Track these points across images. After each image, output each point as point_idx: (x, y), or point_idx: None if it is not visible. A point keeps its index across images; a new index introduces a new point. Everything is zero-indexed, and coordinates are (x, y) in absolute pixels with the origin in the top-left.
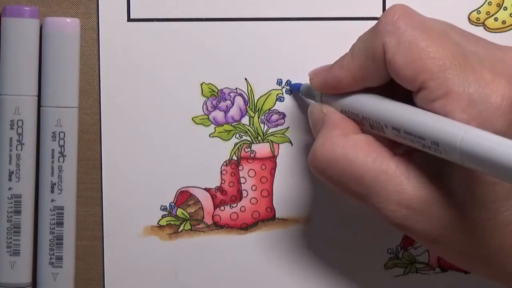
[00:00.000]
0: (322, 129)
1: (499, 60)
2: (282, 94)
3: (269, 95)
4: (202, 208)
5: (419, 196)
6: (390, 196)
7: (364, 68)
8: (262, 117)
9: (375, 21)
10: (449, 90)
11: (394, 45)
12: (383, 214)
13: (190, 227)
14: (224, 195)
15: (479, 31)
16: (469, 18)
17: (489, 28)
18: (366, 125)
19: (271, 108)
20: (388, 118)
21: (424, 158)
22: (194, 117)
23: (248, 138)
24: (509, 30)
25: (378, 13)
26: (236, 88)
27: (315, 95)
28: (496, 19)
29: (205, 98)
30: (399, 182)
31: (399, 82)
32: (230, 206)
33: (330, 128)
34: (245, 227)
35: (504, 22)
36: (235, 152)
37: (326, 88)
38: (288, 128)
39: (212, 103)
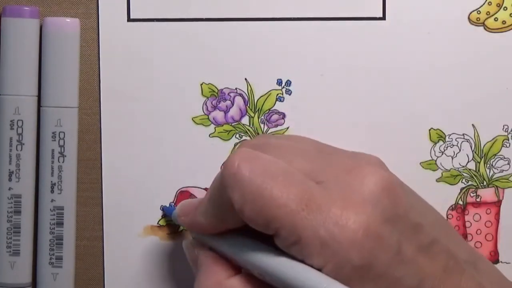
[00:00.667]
0: (198, 274)
1: (347, 187)
2: (282, 94)
3: (269, 95)
4: None
5: None
6: None
7: (222, 217)
8: (262, 117)
9: (375, 21)
10: (300, 236)
11: (240, 199)
12: None
13: None
14: None
15: (479, 31)
16: (469, 18)
17: (489, 28)
18: (238, 264)
19: (271, 108)
20: (252, 263)
21: None
22: (194, 117)
23: (248, 138)
24: (509, 30)
25: (379, 13)
26: (236, 88)
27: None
28: (496, 19)
29: (205, 98)
30: None
31: (254, 228)
32: None
33: (205, 275)
34: None
35: (504, 22)
36: None
37: (194, 230)
38: (288, 128)
39: (212, 103)
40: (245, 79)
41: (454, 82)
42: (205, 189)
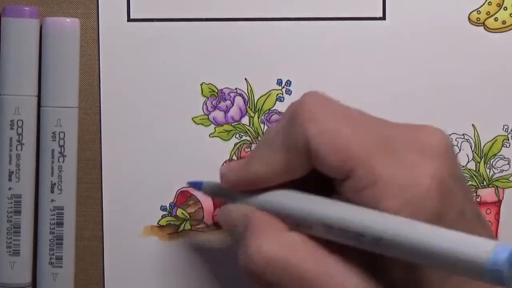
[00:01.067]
0: (249, 231)
1: (418, 141)
2: (282, 94)
3: (269, 95)
4: (202, 208)
5: None
6: None
7: (287, 161)
8: (262, 117)
9: (376, 21)
10: (378, 177)
11: (317, 135)
12: None
13: (190, 227)
14: None
15: (479, 31)
16: (469, 18)
17: (489, 28)
18: (290, 223)
19: (271, 108)
20: (317, 216)
21: (360, 253)
22: (194, 117)
23: (248, 138)
24: (509, 30)
25: (379, 13)
26: (236, 88)
27: (224, 194)
28: (496, 19)
29: (205, 98)
30: (340, 279)
31: (323, 172)
32: None
33: (261, 229)
34: None
35: (504, 22)
36: (235, 152)
37: (243, 185)
38: None
39: (212, 103)
40: (245, 79)
41: (454, 82)
42: None
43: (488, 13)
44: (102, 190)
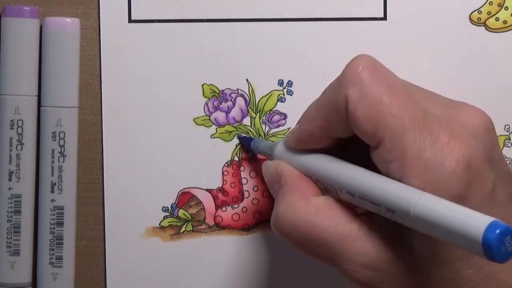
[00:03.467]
0: (281, 191)
1: (454, 119)
2: (284, 94)
3: (270, 95)
4: (203, 209)
5: (382, 257)
6: (354, 258)
7: (328, 119)
8: (264, 117)
9: (376, 22)
10: (406, 152)
11: (357, 98)
12: (349, 276)
13: (191, 228)
14: (226, 196)
15: (480, 31)
16: (470, 18)
17: (490, 28)
18: (321, 187)
19: (273, 108)
20: (342, 182)
21: (385, 219)
22: (195, 118)
23: None
24: (510, 30)
25: (380, 13)
26: (237, 89)
27: (266, 151)
28: (497, 19)
29: (206, 99)
30: (362, 244)
31: (358, 135)
32: (231, 207)
33: (290, 191)
34: (247, 228)
35: (505, 22)
36: (236, 153)
37: (296, 144)
38: (289, 128)
39: (213, 104)
40: (246, 79)
41: (455, 82)
42: (207, 190)
43: (489, 13)
44: (103, 191)
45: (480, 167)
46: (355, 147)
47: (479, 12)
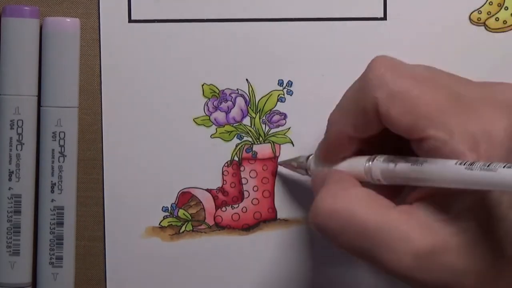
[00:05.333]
0: (324, 186)
1: (490, 96)
2: (283, 94)
3: (270, 95)
4: (203, 209)
5: (425, 243)
6: (395, 245)
7: (357, 124)
8: (264, 117)
9: (376, 22)
10: (453, 133)
11: (387, 99)
12: (388, 266)
13: (191, 228)
14: (226, 196)
15: (480, 31)
16: (470, 18)
17: (490, 28)
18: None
19: (273, 108)
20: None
21: (425, 205)
22: (195, 118)
23: (250, 139)
24: (510, 30)
25: (380, 13)
26: (237, 89)
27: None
28: (497, 19)
29: (206, 99)
30: (403, 230)
31: (397, 133)
32: (231, 207)
33: (330, 184)
34: (247, 228)
35: (505, 22)
36: (236, 153)
37: (329, 152)
38: (289, 128)
39: (213, 104)
40: (246, 79)
41: None
42: (207, 190)
43: (489, 13)
44: (103, 191)
45: None
46: (380, 148)
47: (479, 12)
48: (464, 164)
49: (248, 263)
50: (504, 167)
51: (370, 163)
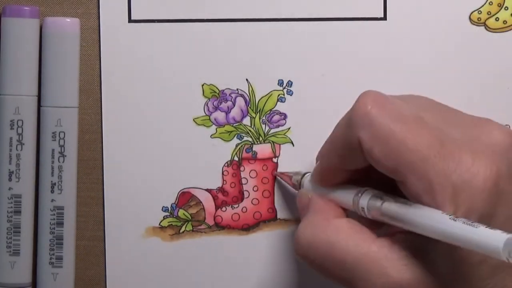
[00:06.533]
0: (308, 214)
1: (476, 139)
2: (283, 94)
3: (270, 95)
4: (203, 209)
5: (402, 278)
6: (374, 279)
7: (344, 157)
8: (264, 117)
9: (377, 21)
10: (432, 183)
11: (370, 139)
12: None
13: (191, 228)
14: (226, 196)
15: (480, 31)
16: (470, 18)
17: (490, 28)
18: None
19: (273, 108)
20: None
21: (406, 239)
22: (195, 118)
23: (250, 139)
24: (510, 30)
25: (380, 13)
26: (237, 89)
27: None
28: (497, 19)
29: (206, 99)
30: (382, 265)
31: (380, 171)
32: (231, 207)
33: (313, 213)
34: (247, 228)
35: (505, 22)
36: (236, 153)
37: (323, 181)
38: (289, 128)
39: (213, 104)
40: (246, 79)
41: (455, 82)
42: (207, 190)
43: (489, 13)
44: (103, 191)
45: (506, 184)
46: (375, 174)
47: (479, 12)
48: (450, 217)
49: (248, 263)
50: (486, 227)
51: (359, 195)
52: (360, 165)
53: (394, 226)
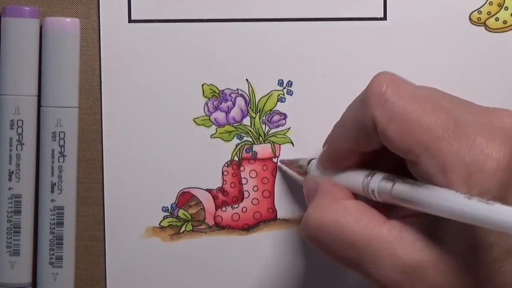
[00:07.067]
0: (316, 197)
1: (489, 124)
2: (283, 94)
3: (270, 95)
4: (203, 209)
5: (413, 260)
6: (383, 261)
7: (358, 139)
8: (264, 117)
9: (377, 22)
10: (446, 162)
11: (385, 118)
12: (377, 280)
13: (191, 228)
14: (226, 196)
15: (480, 31)
16: (470, 18)
17: (490, 28)
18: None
19: (273, 108)
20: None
21: (417, 222)
22: (195, 118)
23: (250, 139)
24: (510, 30)
25: (380, 13)
26: (237, 89)
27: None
28: (497, 19)
29: (206, 99)
30: (392, 246)
31: (394, 152)
32: (231, 207)
33: (322, 195)
34: (247, 228)
35: (505, 22)
36: (236, 153)
37: (332, 163)
38: (289, 128)
39: (213, 104)
40: (246, 79)
41: (455, 82)
42: (207, 190)
43: (489, 13)
44: (103, 191)
45: None
46: (384, 159)
47: (479, 12)
48: (464, 196)
49: (248, 263)
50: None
51: (369, 178)
52: (373, 147)
53: (405, 209)
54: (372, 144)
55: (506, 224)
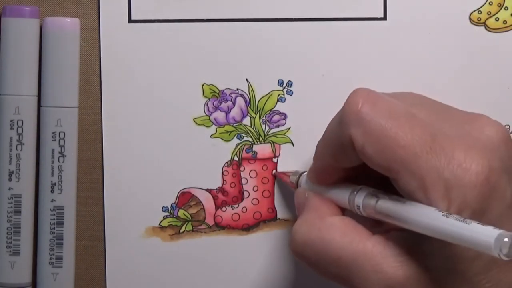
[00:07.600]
0: (304, 212)
1: (467, 135)
2: (283, 94)
3: (270, 95)
4: (203, 209)
5: (397, 275)
6: (369, 276)
7: (337, 156)
8: (264, 117)
9: (376, 22)
10: (425, 179)
11: (362, 137)
12: None
13: (191, 228)
14: (226, 196)
15: (480, 31)
16: (470, 18)
17: (490, 28)
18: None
19: (273, 108)
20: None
21: (401, 236)
22: (195, 118)
23: (250, 139)
24: (510, 30)
25: (380, 13)
26: (237, 89)
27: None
28: (497, 19)
29: (206, 99)
30: (377, 262)
31: (374, 169)
32: (231, 207)
33: (309, 210)
34: (247, 228)
35: (505, 22)
36: (236, 153)
37: (319, 180)
38: (289, 128)
39: (213, 104)
40: (246, 79)
41: (455, 82)
42: (207, 190)
43: (489, 13)
44: (103, 191)
45: (498, 179)
46: (371, 172)
47: (479, 12)
48: (442, 214)
49: (248, 263)
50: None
51: (355, 193)
52: (354, 163)
53: (390, 224)
54: (353, 161)
55: (482, 243)
